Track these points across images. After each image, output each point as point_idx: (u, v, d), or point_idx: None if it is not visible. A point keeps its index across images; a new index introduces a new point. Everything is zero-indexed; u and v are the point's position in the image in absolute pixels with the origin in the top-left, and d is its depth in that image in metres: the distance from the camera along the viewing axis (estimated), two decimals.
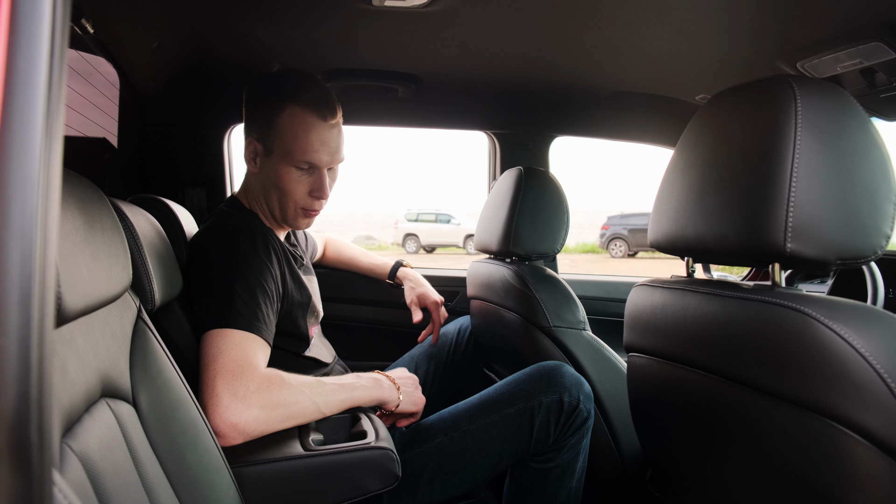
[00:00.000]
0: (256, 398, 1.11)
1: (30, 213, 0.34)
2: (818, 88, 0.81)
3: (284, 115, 1.36)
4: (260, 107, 1.40)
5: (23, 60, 0.35)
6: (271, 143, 1.38)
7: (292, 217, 1.47)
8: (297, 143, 1.36)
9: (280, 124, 1.36)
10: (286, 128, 1.36)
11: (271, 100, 1.38)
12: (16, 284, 0.33)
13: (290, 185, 1.40)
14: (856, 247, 0.78)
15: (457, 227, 19.62)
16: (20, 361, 0.32)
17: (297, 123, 1.36)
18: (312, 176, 1.42)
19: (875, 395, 0.68)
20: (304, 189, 1.42)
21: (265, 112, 1.38)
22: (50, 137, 0.36)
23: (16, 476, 0.32)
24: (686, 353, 0.93)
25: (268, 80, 1.43)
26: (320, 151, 1.38)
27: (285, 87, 1.38)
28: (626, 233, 18.64)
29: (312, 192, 1.43)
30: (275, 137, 1.38)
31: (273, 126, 1.37)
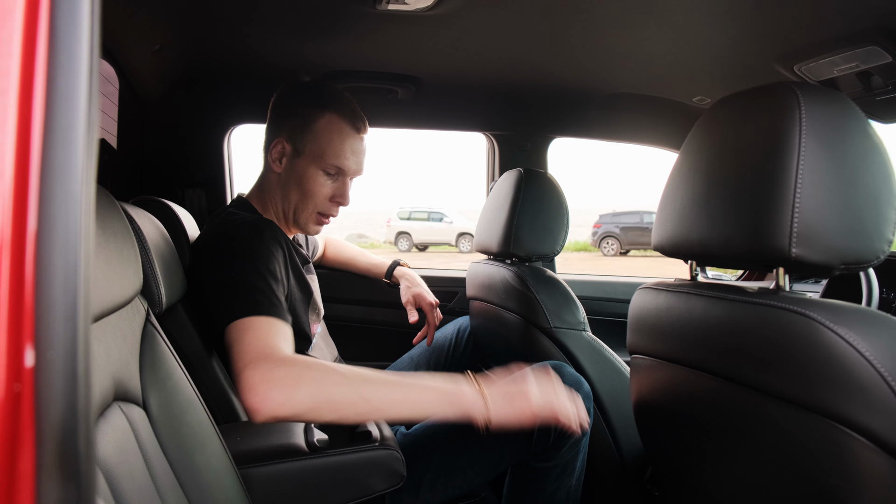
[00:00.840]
0: (284, 377, 1.04)
1: (73, 228, 0.35)
2: (821, 95, 0.83)
3: (322, 121, 1.43)
4: (296, 110, 1.45)
5: (63, 80, 0.36)
6: (304, 145, 1.44)
7: (305, 221, 1.50)
8: (331, 147, 1.44)
9: (317, 128, 1.43)
10: (322, 132, 1.43)
11: (310, 105, 1.44)
12: (61, 298, 0.34)
13: (315, 186, 1.46)
14: (859, 251, 0.79)
15: (449, 225, 19.65)
16: (67, 374, 0.33)
17: (334, 130, 1.44)
18: (337, 182, 1.48)
19: (879, 397, 0.70)
20: (327, 193, 1.48)
21: (301, 115, 1.44)
22: (90, 155, 0.37)
23: (66, 487, 0.33)
24: (691, 356, 0.95)
25: (305, 87, 1.50)
26: (350, 159, 1.46)
27: (324, 96, 1.46)
28: (617, 231, 18.72)
29: (334, 198, 1.49)
30: (309, 140, 1.44)
31: (309, 129, 1.43)
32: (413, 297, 1.94)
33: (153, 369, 0.95)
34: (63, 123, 0.35)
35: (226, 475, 1.00)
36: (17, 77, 0.35)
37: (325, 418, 1.06)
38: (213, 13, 1.45)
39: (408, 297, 1.95)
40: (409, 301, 1.94)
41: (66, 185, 0.35)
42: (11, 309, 0.33)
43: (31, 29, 0.36)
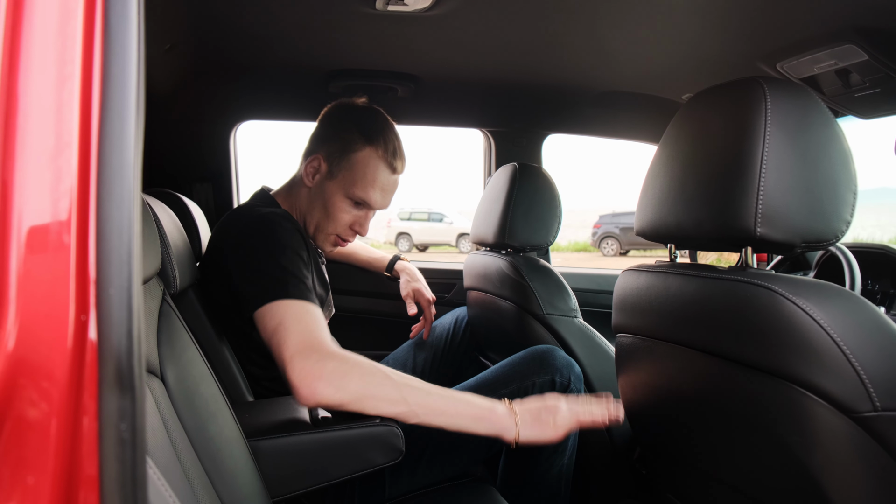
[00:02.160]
0: (334, 371, 1.13)
1: (127, 197, 0.42)
2: (786, 89, 0.90)
3: (362, 154, 1.48)
4: (339, 134, 1.50)
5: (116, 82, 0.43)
6: (338, 170, 1.49)
7: (323, 240, 1.56)
8: (362, 180, 1.48)
9: (354, 158, 1.48)
10: (359, 164, 1.48)
11: (355, 133, 1.48)
12: (115, 251, 0.41)
13: (338, 213, 1.51)
14: (819, 231, 0.87)
15: (449, 225, 19.70)
16: (124, 306, 0.40)
17: (371, 165, 1.48)
18: (360, 212, 1.54)
19: (832, 361, 0.77)
20: (348, 220, 1.53)
21: (343, 141, 1.49)
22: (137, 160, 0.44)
23: (122, 398, 0.40)
24: (668, 331, 1.02)
25: (357, 112, 1.54)
26: (377, 195, 1.51)
27: (371, 127, 1.50)
28: (617, 231, 18.76)
29: (354, 226, 1.55)
30: (344, 167, 1.48)
31: (346, 157, 1.48)
32: (412, 292, 2.02)
33: (170, 344, 1.02)
34: (117, 106, 0.43)
35: (236, 444, 1.07)
36: (79, 65, 0.42)
37: (366, 411, 1.17)
38: (221, 14, 1.52)
39: (407, 291, 2.02)
40: (408, 294, 2.02)
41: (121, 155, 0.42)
42: (79, 255, 0.40)
43: (90, 25, 0.43)
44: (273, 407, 1.35)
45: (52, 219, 0.40)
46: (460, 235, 18.99)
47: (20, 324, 0.39)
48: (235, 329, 1.46)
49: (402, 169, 1.54)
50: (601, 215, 20.04)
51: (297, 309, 1.23)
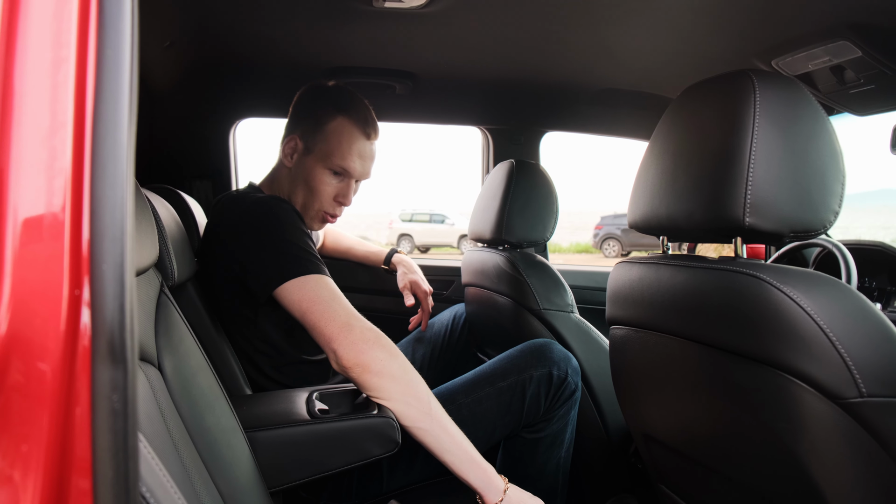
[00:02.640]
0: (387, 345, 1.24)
1: (121, 176, 0.43)
2: (775, 82, 0.91)
3: (334, 124, 1.51)
4: (311, 110, 1.53)
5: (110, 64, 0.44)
6: (314, 144, 1.52)
7: (311, 217, 1.58)
8: (338, 149, 1.51)
9: (328, 130, 1.51)
10: (332, 134, 1.51)
11: (325, 107, 1.52)
12: (109, 227, 0.42)
13: (320, 185, 1.53)
14: (807, 221, 0.88)
15: (451, 227, 19.71)
16: (117, 281, 0.42)
17: (344, 133, 1.51)
18: (342, 183, 1.56)
19: (819, 347, 0.78)
20: (331, 192, 1.55)
21: (316, 116, 1.52)
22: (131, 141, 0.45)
23: (115, 370, 0.41)
24: (660, 321, 1.03)
25: (324, 89, 1.57)
26: (356, 162, 1.53)
27: (341, 100, 1.53)
28: (619, 232, 18.75)
29: (337, 197, 1.56)
30: (319, 140, 1.51)
31: (320, 129, 1.51)
32: (409, 283, 2.03)
33: (167, 335, 1.03)
34: (111, 88, 0.44)
35: (233, 434, 1.08)
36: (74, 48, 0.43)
37: (395, 395, 1.23)
38: (219, 11, 1.54)
39: (404, 283, 2.04)
40: (405, 286, 2.03)
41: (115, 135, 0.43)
42: (73, 231, 0.42)
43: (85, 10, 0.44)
44: (271, 400, 1.36)
45: (47, 196, 0.41)
46: (462, 237, 18.99)
47: (15, 298, 0.41)
48: (239, 318, 1.47)
49: (375, 136, 1.57)
50: (603, 216, 20.04)
51: (326, 283, 1.29)
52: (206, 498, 0.93)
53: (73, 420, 0.40)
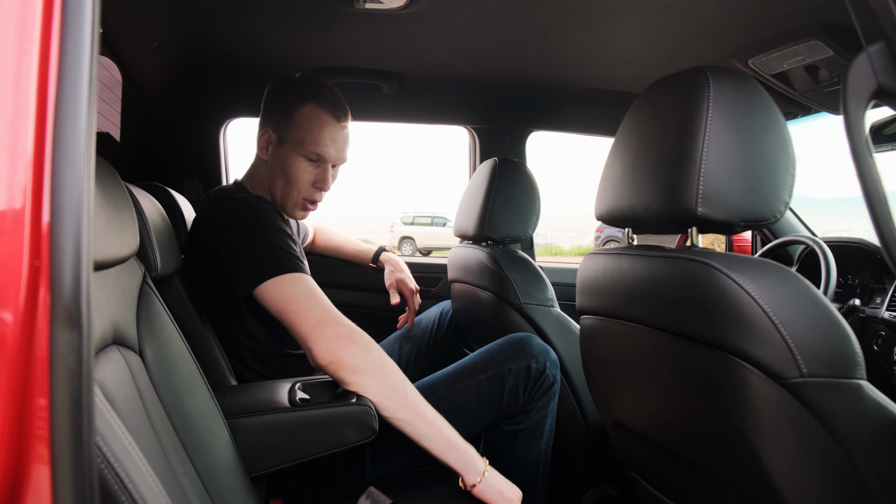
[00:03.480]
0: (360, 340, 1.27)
1: (80, 158, 0.47)
2: (729, 78, 0.95)
3: (303, 111, 1.53)
4: (281, 101, 1.56)
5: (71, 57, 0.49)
6: (286, 133, 1.54)
7: (292, 206, 1.61)
8: (310, 135, 1.53)
9: (298, 118, 1.53)
10: (303, 121, 1.53)
11: (293, 96, 1.54)
12: (68, 204, 0.47)
13: (297, 173, 1.55)
14: (757, 211, 0.92)
15: (452, 229, 19.73)
16: (74, 253, 0.46)
17: (314, 119, 1.53)
18: (318, 169, 1.57)
19: (763, 330, 0.82)
20: (308, 179, 1.57)
21: (286, 106, 1.54)
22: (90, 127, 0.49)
23: (71, 333, 0.45)
24: (622, 310, 1.07)
25: (291, 80, 1.59)
26: (329, 147, 1.55)
27: (308, 88, 1.55)
28: (620, 235, 18.67)
29: (316, 183, 1.58)
30: (291, 129, 1.53)
31: (291, 118, 1.53)
32: (395, 282, 2.06)
33: (149, 323, 1.07)
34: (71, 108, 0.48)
35: (213, 420, 1.12)
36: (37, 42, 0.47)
37: (371, 389, 1.27)
38: (208, 13, 1.58)
39: (391, 281, 2.07)
40: (391, 285, 2.06)
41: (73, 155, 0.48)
42: (34, 207, 0.46)
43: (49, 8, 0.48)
44: (254, 389, 1.40)
45: (10, 176, 0.45)
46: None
47: None
48: (223, 312, 1.51)
49: (346, 119, 1.58)
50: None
51: (302, 282, 1.32)
52: (183, 478, 0.97)
53: (33, 378, 0.44)
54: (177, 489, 0.91)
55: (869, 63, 0.76)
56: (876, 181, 0.74)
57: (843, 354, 0.82)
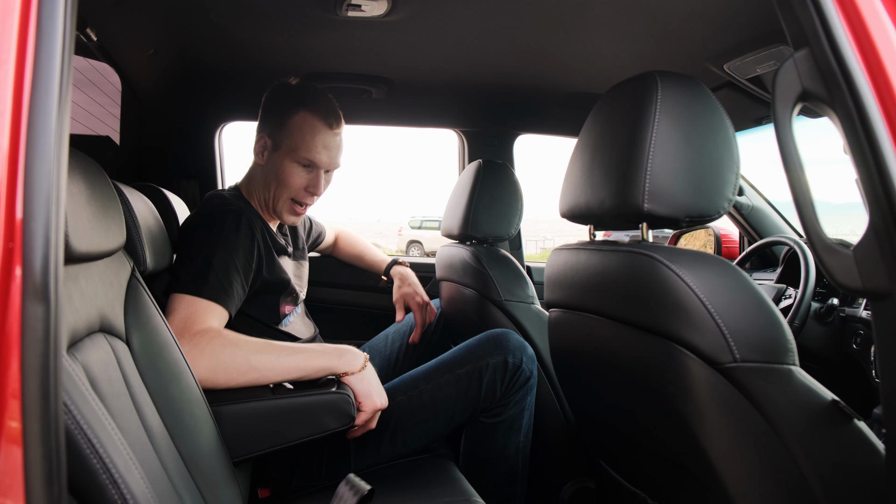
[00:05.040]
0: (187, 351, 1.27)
1: (49, 157, 0.54)
2: (677, 81, 1.01)
3: (297, 118, 1.59)
4: (276, 108, 1.63)
5: (44, 67, 0.55)
6: (281, 139, 1.61)
7: (281, 209, 1.67)
8: (303, 142, 1.59)
9: (291, 124, 1.59)
10: (296, 128, 1.59)
11: (288, 104, 1.61)
12: (39, 195, 0.53)
13: (289, 178, 1.62)
14: (701, 207, 0.98)
15: None
16: (44, 237, 0.52)
17: (307, 126, 1.59)
18: (311, 174, 1.63)
19: (700, 318, 0.88)
20: (301, 183, 1.63)
21: (280, 113, 1.61)
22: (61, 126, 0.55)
23: (40, 305, 0.52)
24: (580, 301, 1.13)
25: (286, 87, 1.67)
26: (321, 153, 1.61)
27: (302, 95, 1.63)
28: (626, 239, 18.69)
29: (308, 188, 1.64)
30: (285, 135, 1.60)
31: (285, 125, 1.60)
32: (402, 297, 2.07)
33: (136, 314, 1.14)
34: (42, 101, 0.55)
35: (196, 405, 1.19)
36: (13, 52, 0.54)
37: (220, 384, 1.31)
38: (201, 21, 1.65)
39: (397, 297, 2.08)
40: (397, 300, 2.08)
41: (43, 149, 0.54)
42: (8, 197, 0.52)
43: (24, 23, 0.55)
44: None
45: None
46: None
47: None
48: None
49: (338, 126, 1.64)
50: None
51: (198, 305, 1.37)
52: (165, 457, 1.04)
53: (7, 345, 0.51)
54: (158, 467, 0.98)
55: (795, 68, 0.81)
56: (802, 181, 0.80)
57: (774, 341, 0.87)
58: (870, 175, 0.72)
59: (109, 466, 0.66)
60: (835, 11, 0.76)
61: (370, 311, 2.42)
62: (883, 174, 0.71)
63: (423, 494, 1.47)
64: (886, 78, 0.74)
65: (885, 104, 0.74)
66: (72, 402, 0.66)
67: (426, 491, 1.50)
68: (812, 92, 0.80)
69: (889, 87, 0.74)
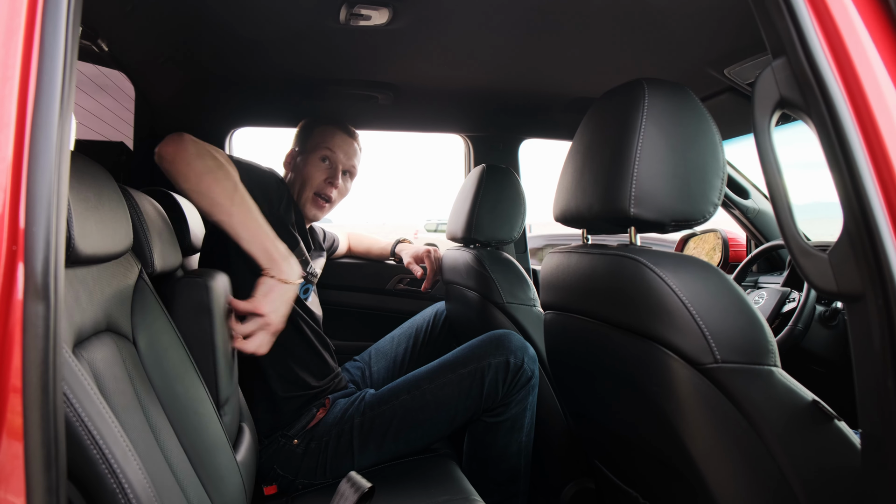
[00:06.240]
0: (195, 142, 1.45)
1: (50, 167, 0.58)
2: (663, 89, 1.03)
3: (320, 128, 1.95)
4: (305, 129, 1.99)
5: (46, 81, 0.59)
6: (305, 144, 1.94)
7: (305, 202, 1.89)
8: (323, 140, 1.92)
9: (315, 131, 1.95)
10: (318, 132, 1.94)
11: (313, 124, 1.98)
12: (40, 202, 0.57)
13: (311, 170, 1.89)
14: (686, 212, 1.00)
15: None
16: (45, 240, 0.56)
17: (328, 131, 1.94)
18: (330, 168, 1.91)
19: (681, 320, 0.90)
20: (321, 176, 1.89)
21: (307, 130, 1.97)
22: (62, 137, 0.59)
23: (41, 303, 0.56)
24: (571, 303, 1.16)
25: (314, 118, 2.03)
26: (339, 150, 1.93)
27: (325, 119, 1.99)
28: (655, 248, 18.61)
29: (328, 179, 1.89)
30: (309, 140, 1.94)
31: (309, 134, 1.96)
32: (412, 257, 2.32)
33: (142, 314, 1.18)
34: (47, 99, 0.59)
35: (201, 403, 1.23)
36: (18, 69, 0.58)
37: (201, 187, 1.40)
38: (209, 31, 1.69)
39: (408, 260, 2.32)
40: (409, 263, 2.32)
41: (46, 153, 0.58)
42: (12, 203, 0.56)
43: (29, 40, 0.59)
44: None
45: None
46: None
47: None
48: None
49: (354, 136, 1.98)
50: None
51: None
52: (169, 453, 1.08)
53: (10, 340, 0.55)
54: (160, 461, 1.02)
55: (773, 76, 0.84)
56: (781, 186, 0.82)
57: (755, 342, 0.89)
58: (843, 179, 0.74)
59: (108, 456, 0.70)
60: (810, 21, 0.78)
61: (376, 313, 2.46)
62: (855, 179, 0.73)
63: (423, 492, 1.50)
64: (860, 86, 0.77)
65: (858, 111, 0.76)
66: (74, 396, 0.69)
67: (426, 489, 1.53)
68: (789, 99, 0.82)
69: (862, 94, 0.76)
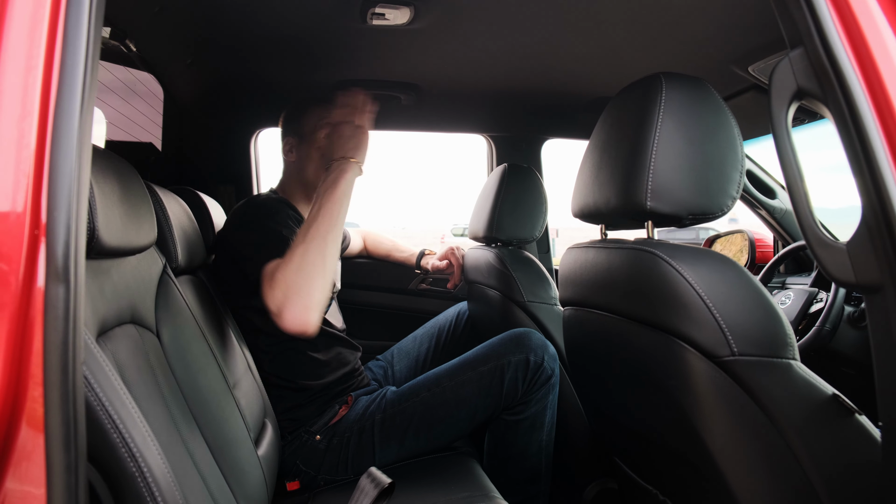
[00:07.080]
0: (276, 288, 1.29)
1: (72, 155, 0.60)
2: (681, 83, 1.03)
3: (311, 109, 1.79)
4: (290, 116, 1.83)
5: (69, 72, 0.61)
6: (300, 127, 1.79)
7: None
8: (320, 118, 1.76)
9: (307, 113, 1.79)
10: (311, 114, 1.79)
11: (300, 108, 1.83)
12: (62, 187, 0.59)
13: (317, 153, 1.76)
14: (704, 205, 0.99)
15: None
16: (65, 225, 0.58)
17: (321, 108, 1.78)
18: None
19: (698, 313, 0.90)
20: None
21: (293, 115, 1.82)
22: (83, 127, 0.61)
23: (61, 286, 0.57)
24: (589, 298, 1.16)
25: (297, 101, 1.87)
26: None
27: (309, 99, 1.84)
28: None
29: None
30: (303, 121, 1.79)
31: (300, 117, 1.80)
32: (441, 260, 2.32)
33: (166, 308, 1.21)
34: (69, 88, 0.61)
35: (223, 396, 1.25)
36: (42, 59, 0.60)
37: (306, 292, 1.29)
38: (235, 33, 1.72)
39: (434, 264, 2.32)
40: (435, 265, 2.32)
41: (68, 143, 0.60)
42: (34, 188, 0.58)
43: (53, 32, 0.61)
44: None
45: (16, 164, 0.58)
46: None
47: None
48: (246, 308, 1.65)
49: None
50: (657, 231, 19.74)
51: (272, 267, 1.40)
52: (191, 444, 1.10)
53: (32, 321, 0.57)
54: (181, 451, 1.03)
55: (790, 67, 0.83)
56: (798, 176, 0.82)
57: (773, 335, 0.88)
58: (861, 170, 0.74)
59: (128, 441, 0.72)
60: (827, 11, 0.78)
61: (399, 312, 2.47)
62: (873, 170, 0.72)
63: (442, 489, 1.51)
64: (878, 75, 0.76)
65: (876, 101, 0.75)
66: (95, 381, 0.71)
67: (446, 486, 1.53)
68: (807, 90, 0.82)
69: (881, 84, 0.75)
